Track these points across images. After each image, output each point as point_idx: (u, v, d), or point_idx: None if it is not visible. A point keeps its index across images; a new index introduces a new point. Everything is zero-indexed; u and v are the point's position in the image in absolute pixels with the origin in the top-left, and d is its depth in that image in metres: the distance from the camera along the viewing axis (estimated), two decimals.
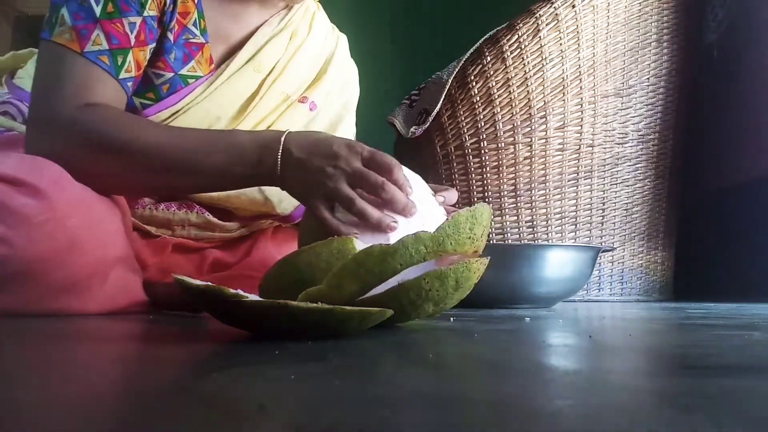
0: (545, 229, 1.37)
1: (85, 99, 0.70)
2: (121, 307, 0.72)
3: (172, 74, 0.81)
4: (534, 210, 1.37)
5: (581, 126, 1.36)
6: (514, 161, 1.36)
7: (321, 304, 0.40)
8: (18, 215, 0.62)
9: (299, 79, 0.94)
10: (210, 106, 0.84)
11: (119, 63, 0.73)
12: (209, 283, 0.41)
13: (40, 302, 0.65)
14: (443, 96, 1.39)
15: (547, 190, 1.36)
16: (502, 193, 1.38)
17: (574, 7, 1.32)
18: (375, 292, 0.48)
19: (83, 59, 0.71)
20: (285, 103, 0.92)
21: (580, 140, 1.36)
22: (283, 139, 0.67)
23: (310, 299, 0.45)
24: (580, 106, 1.35)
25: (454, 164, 1.41)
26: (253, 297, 0.43)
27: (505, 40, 1.34)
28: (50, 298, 0.66)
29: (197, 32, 0.82)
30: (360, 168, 0.63)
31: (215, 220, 0.90)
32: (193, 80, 0.82)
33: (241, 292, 0.41)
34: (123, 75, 0.74)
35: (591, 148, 1.37)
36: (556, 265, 0.92)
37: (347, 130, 1.01)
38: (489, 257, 0.52)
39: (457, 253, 0.50)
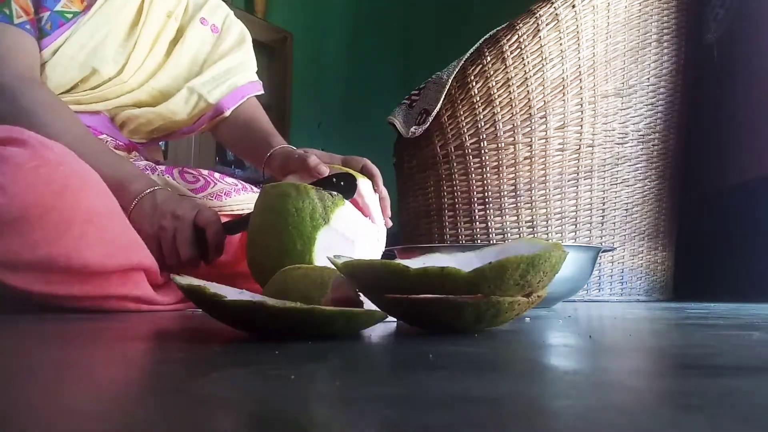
0: (545, 229, 1.37)
1: (7, 64, 0.81)
2: (122, 265, 0.72)
3: (48, 12, 0.88)
4: (534, 210, 1.37)
5: (581, 126, 1.36)
6: (514, 161, 1.36)
7: (299, 304, 0.39)
8: (10, 163, 0.64)
9: None
10: (97, 23, 0.91)
11: (8, 12, 0.84)
12: (192, 282, 0.41)
13: (37, 248, 0.65)
14: (443, 96, 1.39)
15: (547, 190, 1.36)
16: (502, 193, 1.37)
17: (574, 7, 1.32)
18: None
19: None
20: (173, 20, 1.01)
21: (580, 140, 1.36)
22: (148, 190, 0.80)
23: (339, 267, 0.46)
24: (580, 106, 1.35)
25: (454, 164, 1.41)
26: (241, 294, 0.43)
27: (505, 40, 1.34)
28: (46, 244, 0.66)
29: None
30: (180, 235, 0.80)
31: (187, 190, 0.94)
32: (70, 15, 0.89)
33: (221, 291, 0.41)
34: (17, 21, 0.84)
35: (591, 148, 1.37)
36: None
37: (249, 56, 1.11)
38: (538, 297, 0.47)
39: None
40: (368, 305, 0.48)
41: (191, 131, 1.07)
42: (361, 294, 0.48)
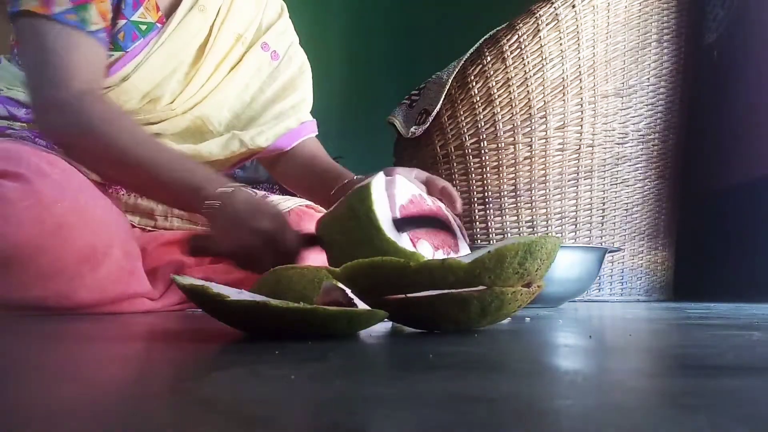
0: (545, 229, 1.37)
1: (73, 77, 0.74)
2: (114, 298, 0.71)
3: (124, 21, 0.83)
4: (534, 210, 1.37)
5: (581, 126, 1.36)
6: (514, 161, 1.36)
7: (303, 304, 0.39)
8: (2, 200, 0.63)
9: (248, 16, 0.96)
10: (168, 54, 0.86)
11: (85, 18, 0.76)
12: (194, 282, 0.41)
13: (29, 289, 0.65)
14: (443, 96, 1.39)
15: (547, 190, 1.36)
16: (502, 193, 1.37)
17: (574, 7, 1.32)
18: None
19: (55, 24, 0.74)
20: (240, 44, 0.94)
21: (580, 140, 1.36)
22: (233, 186, 0.70)
23: (333, 276, 0.45)
24: (580, 106, 1.35)
25: (454, 164, 1.41)
26: (240, 294, 0.43)
27: (505, 40, 1.34)
28: (39, 285, 0.65)
29: None
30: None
31: None
32: (145, 27, 0.84)
33: (224, 291, 0.41)
34: (92, 27, 0.77)
35: (591, 148, 1.37)
36: (563, 265, 0.92)
37: (307, 88, 1.03)
38: (538, 286, 0.47)
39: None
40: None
41: (225, 170, 0.98)
42: (356, 299, 0.47)
